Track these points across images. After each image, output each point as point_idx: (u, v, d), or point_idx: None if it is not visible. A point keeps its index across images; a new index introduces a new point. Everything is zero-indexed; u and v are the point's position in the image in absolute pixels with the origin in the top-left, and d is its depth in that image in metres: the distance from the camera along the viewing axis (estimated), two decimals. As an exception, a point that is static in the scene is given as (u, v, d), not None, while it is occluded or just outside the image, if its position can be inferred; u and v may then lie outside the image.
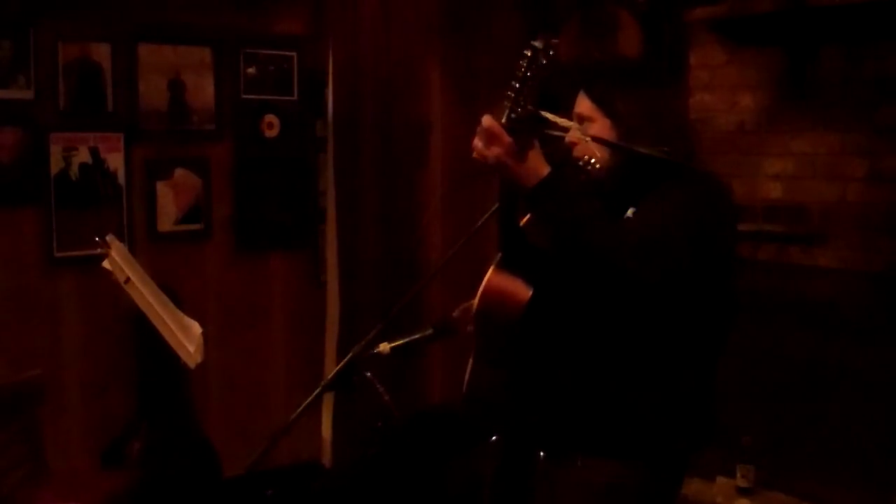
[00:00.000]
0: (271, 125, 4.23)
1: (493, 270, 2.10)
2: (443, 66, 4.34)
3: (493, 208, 2.24)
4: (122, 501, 3.31)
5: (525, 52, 1.83)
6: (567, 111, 2.07)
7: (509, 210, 2.07)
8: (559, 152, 2.00)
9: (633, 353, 1.97)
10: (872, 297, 3.40)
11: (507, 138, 1.83)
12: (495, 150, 1.84)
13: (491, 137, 1.85)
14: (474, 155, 1.89)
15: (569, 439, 2.06)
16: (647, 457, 2.00)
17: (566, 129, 2.04)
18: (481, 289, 2.10)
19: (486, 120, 1.85)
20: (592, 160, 1.99)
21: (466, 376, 2.20)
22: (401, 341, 2.40)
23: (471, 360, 2.21)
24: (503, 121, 1.85)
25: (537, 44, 1.82)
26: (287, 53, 4.24)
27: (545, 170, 1.86)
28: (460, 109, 4.33)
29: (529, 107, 1.86)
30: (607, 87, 2.03)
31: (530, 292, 2.02)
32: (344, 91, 4.05)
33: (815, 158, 3.60)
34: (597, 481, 2.01)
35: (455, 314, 2.35)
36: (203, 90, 4.06)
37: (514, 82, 1.84)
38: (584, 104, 2.05)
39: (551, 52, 1.83)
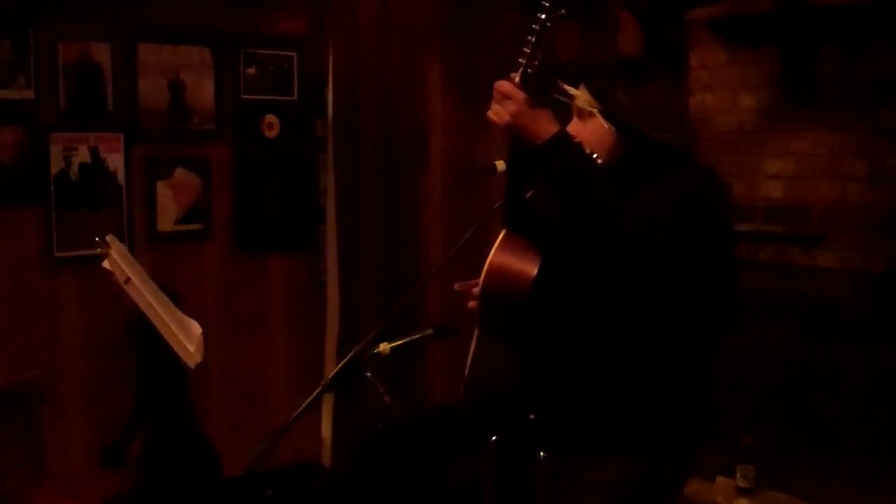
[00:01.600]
0: (271, 125, 4.23)
1: (498, 248, 2.09)
2: (443, 66, 4.34)
3: (494, 208, 2.23)
4: (122, 501, 3.31)
5: (543, 2, 1.84)
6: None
7: (516, 185, 2.07)
8: None
9: (634, 347, 1.97)
10: (872, 297, 3.40)
11: (522, 94, 1.87)
12: (510, 107, 1.88)
13: (505, 96, 1.89)
14: (489, 114, 1.93)
15: (571, 436, 2.06)
16: (650, 452, 2.00)
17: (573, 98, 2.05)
18: (486, 267, 2.08)
19: (500, 82, 1.89)
20: (594, 154, 1.99)
21: (469, 358, 2.19)
22: (401, 341, 2.39)
23: (473, 343, 2.19)
24: (517, 80, 1.88)
25: None
26: (287, 53, 4.24)
27: (556, 127, 1.90)
28: (460, 110, 4.33)
29: (542, 69, 1.88)
30: (607, 83, 2.04)
31: (536, 270, 2.01)
32: (344, 91, 4.05)
33: (815, 158, 3.59)
34: (601, 478, 2.01)
35: (457, 287, 2.32)
36: (203, 90, 4.06)
37: (529, 37, 1.86)
38: (584, 99, 2.05)
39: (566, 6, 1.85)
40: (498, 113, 1.91)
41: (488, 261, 2.08)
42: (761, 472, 3.59)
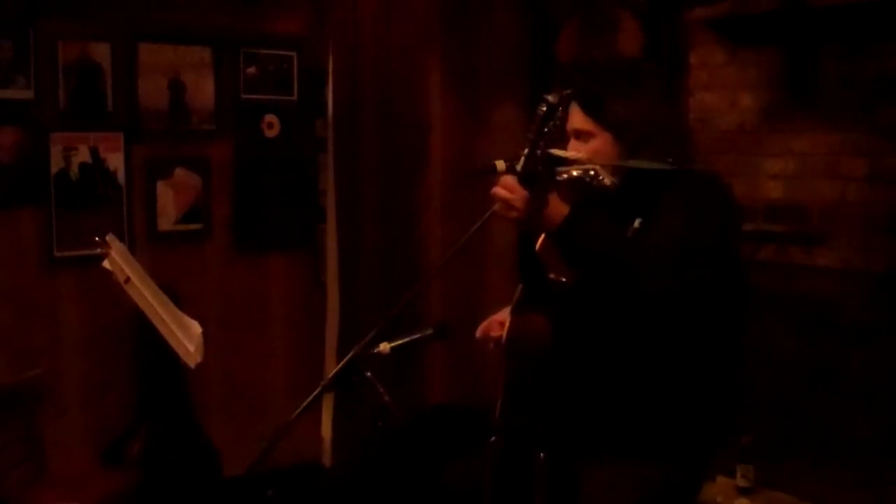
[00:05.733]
0: (271, 125, 4.23)
1: (518, 301, 2.17)
2: (443, 66, 4.34)
3: (494, 208, 2.24)
4: (122, 501, 3.31)
5: (540, 106, 1.85)
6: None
7: (528, 241, 2.10)
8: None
9: (660, 361, 1.99)
10: (872, 297, 3.40)
11: (524, 194, 1.87)
12: (513, 204, 1.90)
13: (509, 193, 1.90)
14: (496, 208, 1.95)
15: (595, 440, 2.07)
16: (673, 456, 2.02)
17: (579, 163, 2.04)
18: (508, 323, 2.16)
19: (500, 183, 1.91)
20: (600, 176, 1.98)
21: (496, 412, 2.27)
22: (401, 341, 2.40)
23: (500, 399, 2.27)
24: (519, 169, 1.89)
25: (551, 98, 1.84)
26: (287, 53, 4.24)
27: (564, 211, 1.89)
28: (460, 109, 4.33)
29: (544, 152, 1.88)
30: (599, 98, 2.00)
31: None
32: (344, 91, 4.05)
33: (815, 158, 3.59)
34: (626, 478, 2.03)
35: (478, 335, 2.37)
36: (203, 90, 4.06)
37: (529, 134, 1.87)
38: (578, 118, 2.03)
39: (564, 106, 1.87)
40: (503, 208, 1.93)
41: (510, 314, 2.17)
42: (761, 472, 3.59)
